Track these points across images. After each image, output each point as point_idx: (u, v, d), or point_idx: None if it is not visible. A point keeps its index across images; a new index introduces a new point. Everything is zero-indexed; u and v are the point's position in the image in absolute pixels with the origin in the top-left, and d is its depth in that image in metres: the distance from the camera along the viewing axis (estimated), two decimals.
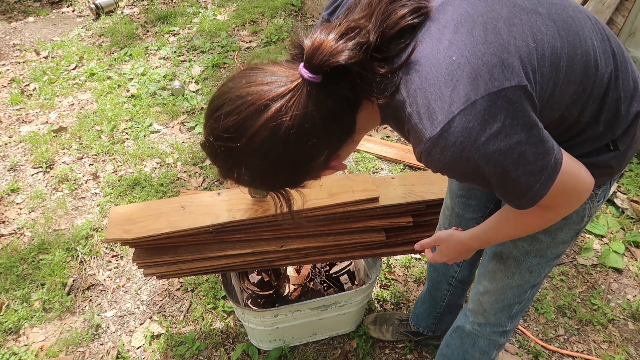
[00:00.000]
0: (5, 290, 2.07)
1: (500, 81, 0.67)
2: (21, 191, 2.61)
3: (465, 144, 0.68)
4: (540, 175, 0.73)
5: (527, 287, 1.13)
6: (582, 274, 2.10)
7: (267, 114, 0.68)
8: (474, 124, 0.67)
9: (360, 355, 1.78)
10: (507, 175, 0.72)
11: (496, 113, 0.67)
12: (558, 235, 1.01)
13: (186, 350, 1.82)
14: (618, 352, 1.80)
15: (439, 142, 0.69)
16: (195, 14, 4.55)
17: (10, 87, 3.56)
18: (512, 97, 0.68)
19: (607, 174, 0.92)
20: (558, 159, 0.74)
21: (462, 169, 0.72)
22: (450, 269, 1.47)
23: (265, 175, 0.76)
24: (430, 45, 0.70)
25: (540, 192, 0.74)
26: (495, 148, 0.68)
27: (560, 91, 0.76)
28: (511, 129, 0.68)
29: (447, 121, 0.67)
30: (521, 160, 0.70)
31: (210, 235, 1.45)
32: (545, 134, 0.73)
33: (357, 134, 0.81)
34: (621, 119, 0.84)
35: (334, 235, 1.51)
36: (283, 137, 0.69)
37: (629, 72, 0.85)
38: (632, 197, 2.38)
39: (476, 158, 0.69)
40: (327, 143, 0.74)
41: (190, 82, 3.53)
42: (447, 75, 0.68)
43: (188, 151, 2.85)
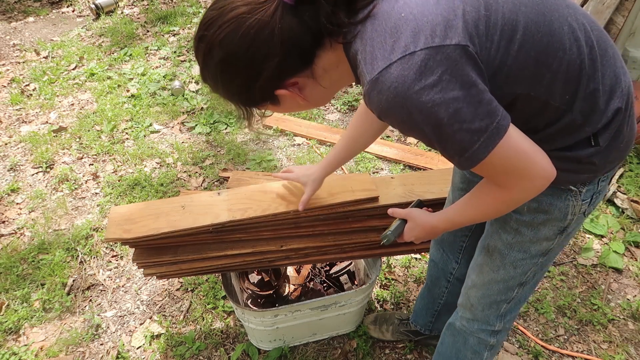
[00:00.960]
0: (5, 290, 2.07)
1: (441, 38, 0.72)
2: (21, 191, 2.62)
3: (399, 89, 0.73)
4: (478, 135, 0.75)
5: (513, 284, 1.13)
6: (582, 274, 2.10)
7: (236, 11, 0.77)
8: (409, 72, 0.72)
9: (360, 355, 1.78)
10: (443, 129, 0.75)
11: (434, 67, 0.71)
12: (541, 231, 1.01)
13: (186, 350, 1.82)
14: (618, 352, 1.80)
15: (376, 85, 0.75)
16: (195, 14, 4.55)
17: (10, 87, 3.56)
18: (452, 55, 0.72)
19: (590, 171, 0.92)
20: (502, 125, 0.76)
21: (397, 115, 0.77)
22: (449, 265, 1.48)
23: (224, 71, 0.83)
24: (388, 4, 0.77)
25: (479, 153, 0.77)
26: (428, 99, 0.72)
27: (517, 63, 0.78)
28: (448, 84, 0.72)
29: (385, 66, 0.73)
30: (457, 116, 0.73)
31: (210, 235, 1.45)
32: (487, 97, 0.75)
33: (320, 73, 0.85)
34: (599, 112, 0.85)
35: (334, 235, 1.51)
36: (242, 34, 0.77)
37: (611, 67, 0.86)
38: (632, 197, 2.38)
39: (409, 105, 0.74)
40: (279, 58, 0.79)
41: (190, 82, 3.54)
42: (393, 28, 0.74)
43: (188, 151, 2.85)
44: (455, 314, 1.33)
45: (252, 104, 0.90)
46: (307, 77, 0.85)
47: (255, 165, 2.72)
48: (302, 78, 0.85)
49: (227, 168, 2.73)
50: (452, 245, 1.43)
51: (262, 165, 2.72)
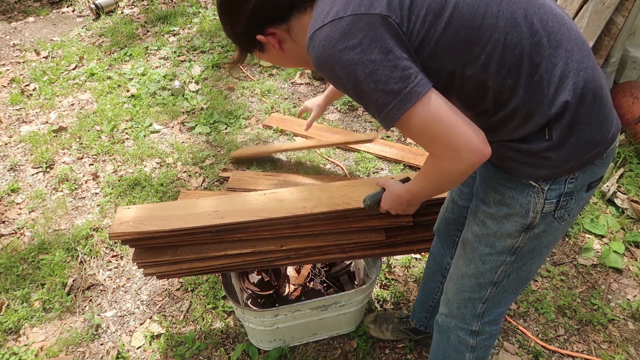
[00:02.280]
0: (5, 290, 2.07)
1: (367, 7, 0.83)
2: (21, 191, 2.62)
3: (325, 47, 0.85)
4: (392, 97, 0.84)
5: (484, 281, 1.13)
6: (582, 274, 2.10)
7: None
8: (335, 34, 0.84)
9: (360, 355, 1.78)
10: (360, 86, 0.85)
11: (357, 32, 0.82)
12: (504, 225, 1.03)
13: (186, 350, 1.82)
14: (618, 352, 1.80)
15: (311, 42, 0.88)
16: (195, 14, 4.55)
17: (10, 87, 3.56)
18: (374, 22, 0.82)
19: (547, 167, 0.93)
20: (415, 90, 0.83)
21: (325, 70, 0.89)
22: (444, 259, 1.49)
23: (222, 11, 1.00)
24: None
25: (394, 113, 0.85)
26: (348, 58, 0.83)
27: (444, 40, 0.85)
28: (367, 48, 0.82)
29: (318, 27, 0.86)
30: (372, 76, 0.83)
31: (210, 235, 1.45)
32: (403, 64, 0.83)
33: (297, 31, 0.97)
34: (547, 102, 0.87)
35: (334, 235, 1.51)
36: None
37: (563, 59, 0.87)
38: (632, 197, 2.38)
39: (332, 62, 0.85)
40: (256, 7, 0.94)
41: (190, 82, 3.54)
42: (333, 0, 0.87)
43: (188, 151, 2.85)
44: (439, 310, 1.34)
45: (244, 46, 1.04)
46: (284, 32, 0.98)
47: (256, 166, 2.72)
48: (279, 31, 0.98)
49: (227, 168, 2.73)
50: (447, 239, 1.44)
51: (262, 165, 2.72)
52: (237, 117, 3.14)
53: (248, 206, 1.48)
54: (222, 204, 1.50)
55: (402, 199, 1.17)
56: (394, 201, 1.20)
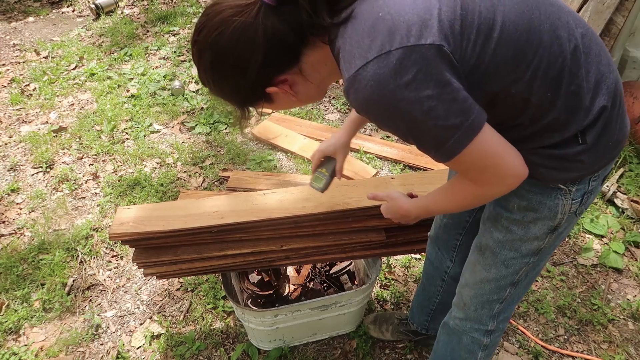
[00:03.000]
0: (5, 290, 2.07)
1: (416, 38, 0.74)
2: (21, 191, 2.62)
3: (374, 88, 0.75)
4: (453, 131, 0.78)
5: (505, 283, 1.13)
6: (582, 274, 2.10)
7: (222, 15, 0.82)
8: (385, 71, 0.74)
9: (360, 355, 1.78)
10: (417, 125, 0.78)
11: (409, 66, 0.73)
12: (531, 229, 1.02)
13: (186, 350, 1.82)
14: (618, 352, 1.80)
15: (354, 83, 0.78)
16: (195, 14, 4.55)
17: (10, 87, 3.56)
18: (427, 54, 0.74)
19: (579, 170, 0.92)
20: (476, 123, 0.78)
21: (373, 111, 0.80)
22: (444, 263, 1.48)
23: (215, 72, 0.88)
24: (368, 4, 0.80)
25: (453, 149, 0.80)
26: (402, 97, 0.75)
27: (494, 61, 0.79)
28: (422, 83, 0.74)
29: (362, 65, 0.76)
30: (431, 113, 0.76)
31: (211, 235, 1.45)
32: (462, 95, 0.77)
33: (309, 69, 0.89)
34: (584, 109, 0.86)
35: (334, 235, 1.51)
36: (228, 37, 0.82)
37: (597, 65, 0.86)
38: (632, 197, 2.38)
39: (384, 103, 0.77)
40: (264, 56, 0.83)
41: (190, 82, 3.54)
42: (371, 27, 0.77)
43: (188, 151, 2.85)
44: (449, 313, 1.33)
45: (247, 103, 0.94)
46: (296, 74, 0.89)
47: (255, 165, 2.72)
48: (290, 75, 0.88)
49: (227, 168, 2.73)
50: (447, 244, 1.43)
51: (262, 165, 2.72)
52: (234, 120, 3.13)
53: (248, 206, 1.48)
54: (222, 204, 1.50)
55: (410, 214, 1.13)
56: (399, 215, 1.17)
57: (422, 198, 1.09)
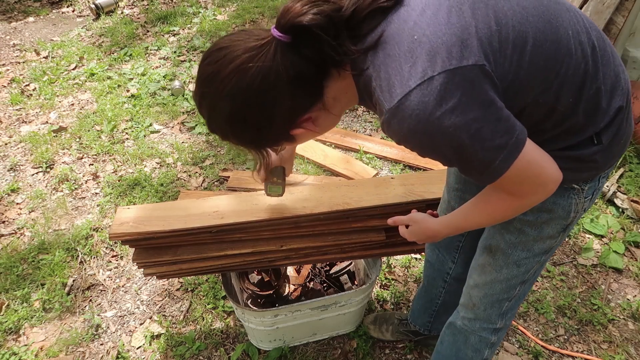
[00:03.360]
0: (5, 290, 2.07)
1: (458, 59, 0.71)
2: (21, 191, 2.62)
3: (420, 116, 0.72)
4: (498, 152, 0.75)
5: (515, 282, 1.13)
6: (582, 274, 2.10)
7: (236, 63, 0.76)
8: (429, 98, 0.71)
9: (360, 355, 1.78)
10: (464, 150, 0.75)
11: (453, 90, 0.71)
12: (544, 230, 1.02)
13: (186, 350, 1.82)
14: (618, 352, 1.80)
15: (397, 113, 0.74)
16: (195, 14, 4.55)
17: (10, 87, 3.56)
18: (469, 75, 0.71)
19: (592, 169, 0.93)
20: (520, 139, 0.77)
21: (419, 141, 0.77)
22: (445, 265, 1.48)
23: (234, 125, 0.81)
24: (397, 26, 0.76)
25: (500, 169, 0.77)
26: (450, 123, 0.72)
27: (527, 74, 0.78)
28: (467, 105, 0.71)
29: (404, 94, 0.72)
30: (477, 136, 0.73)
31: (210, 235, 1.45)
32: (505, 114, 0.75)
33: (331, 102, 0.85)
34: (602, 111, 0.86)
35: (334, 235, 1.51)
36: (247, 84, 0.76)
37: (611, 66, 0.86)
38: (632, 197, 2.38)
39: (431, 131, 0.73)
40: (290, 98, 0.78)
41: (190, 82, 3.53)
42: (408, 52, 0.73)
43: (188, 151, 2.85)
44: (456, 314, 1.33)
45: (266, 147, 0.90)
46: (319, 110, 0.85)
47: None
48: (314, 112, 0.84)
49: (227, 168, 2.73)
50: (449, 246, 1.43)
51: None
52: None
53: (248, 206, 1.48)
54: (222, 204, 1.50)
55: (439, 234, 1.09)
56: (426, 236, 1.12)
57: (451, 216, 1.04)
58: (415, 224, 1.14)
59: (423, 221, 1.11)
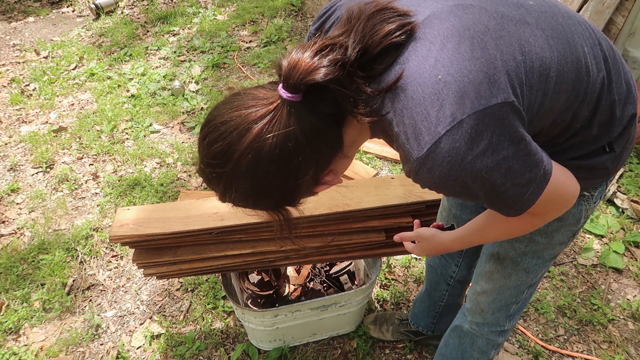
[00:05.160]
0: (5, 290, 2.07)
1: (487, 99, 0.67)
2: (21, 191, 2.62)
3: (452, 163, 0.68)
4: (528, 187, 0.74)
5: (524, 287, 1.14)
6: (582, 274, 2.10)
7: (249, 137, 0.69)
8: (460, 143, 0.67)
9: (360, 355, 1.78)
10: (495, 189, 0.73)
11: (483, 131, 0.67)
12: (555, 237, 1.02)
13: (186, 350, 1.82)
14: (618, 352, 1.80)
15: (426, 162, 0.70)
16: (195, 14, 4.55)
17: (10, 87, 3.56)
18: (499, 113, 0.68)
19: (603, 176, 0.93)
20: (547, 170, 0.75)
21: (451, 187, 0.73)
22: (449, 269, 1.47)
23: (256, 197, 0.76)
24: (417, 64, 0.70)
25: (529, 202, 0.76)
26: (482, 165, 0.69)
27: (551, 100, 0.76)
28: (498, 145, 0.68)
29: (433, 142, 0.68)
30: (509, 174, 0.71)
31: (211, 235, 1.45)
32: (533, 147, 0.73)
33: (348, 148, 0.81)
34: (616, 121, 0.85)
35: (334, 236, 1.51)
36: (267, 158, 0.70)
37: (622, 74, 0.86)
38: (632, 197, 2.38)
39: (464, 176, 0.70)
40: (313, 160, 0.73)
41: (190, 82, 3.53)
42: (434, 95, 0.68)
43: (188, 151, 2.85)
44: (462, 317, 1.32)
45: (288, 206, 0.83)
46: (339, 159, 0.80)
47: None
48: (335, 163, 0.80)
49: None
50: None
51: None
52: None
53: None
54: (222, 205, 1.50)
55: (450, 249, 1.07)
56: (437, 251, 1.10)
57: (463, 231, 1.01)
58: (425, 241, 1.10)
59: (433, 238, 1.08)
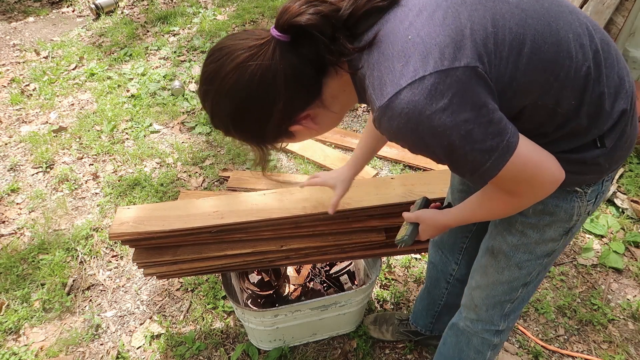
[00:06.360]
0: (5, 290, 2.07)
1: (450, 61, 0.71)
2: (21, 191, 2.62)
3: (410, 115, 0.73)
4: (489, 154, 0.76)
5: (517, 284, 1.13)
6: (582, 274, 2.10)
7: (236, 61, 0.78)
8: (419, 97, 0.71)
9: (360, 356, 1.78)
10: (455, 150, 0.75)
11: (444, 91, 0.71)
12: (546, 232, 1.02)
13: (186, 350, 1.82)
14: (618, 352, 1.80)
15: (387, 111, 0.75)
16: (195, 14, 4.55)
17: (10, 87, 3.56)
18: (462, 77, 0.71)
19: (595, 172, 0.93)
20: (512, 142, 0.77)
21: (409, 139, 0.78)
22: (449, 266, 1.48)
23: (235, 120, 0.84)
24: (393, 25, 0.77)
25: (491, 171, 0.78)
26: (440, 122, 0.72)
27: (525, 76, 0.78)
28: (459, 107, 0.72)
29: (394, 92, 0.73)
30: (468, 137, 0.74)
31: (211, 235, 1.45)
32: (497, 116, 0.75)
33: (329, 100, 0.87)
34: (606, 114, 0.86)
35: (334, 235, 1.51)
36: (247, 82, 0.78)
37: (615, 68, 0.86)
38: (632, 197, 2.38)
39: (420, 130, 0.74)
40: (288, 97, 0.80)
41: (190, 82, 3.54)
42: (401, 52, 0.74)
43: (188, 151, 2.85)
44: (458, 315, 1.33)
45: (267, 143, 0.91)
46: (317, 107, 0.87)
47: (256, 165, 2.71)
48: (313, 109, 0.86)
49: (227, 168, 2.73)
50: (452, 247, 1.43)
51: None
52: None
53: (248, 206, 1.48)
54: (222, 204, 1.50)
55: (447, 227, 1.11)
56: (437, 230, 1.13)
57: (457, 210, 1.06)
58: (424, 223, 1.14)
59: (433, 219, 1.12)
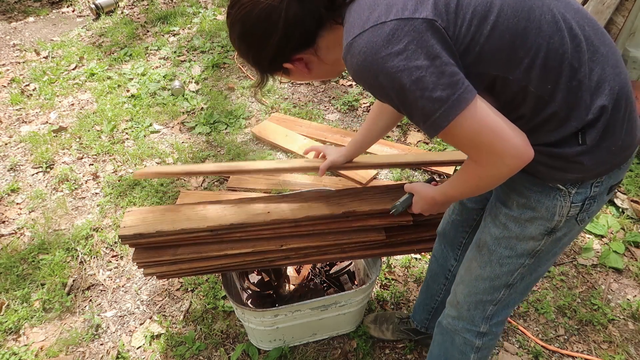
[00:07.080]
0: (5, 290, 2.07)
1: (411, 12, 0.79)
2: (21, 191, 2.62)
3: (367, 54, 0.81)
4: (439, 104, 0.80)
5: (499, 284, 1.13)
6: (582, 274, 2.10)
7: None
8: (378, 39, 0.80)
9: (360, 356, 1.78)
10: (406, 95, 0.81)
11: (401, 36, 0.79)
12: (527, 228, 1.02)
13: (186, 350, 1.82)
14: (618, 352, 1.80)
15: (350, 49, 0.84)
16: (195, 14, 4.55)
17: (10, 87, 3.56)
18: (419, 27, 0.79)
19: (578, 171, 0.93)
20: (463, 97, 0.80)
21: (366, 78, 0.85)
22: (448, 262, 1.48)
23: (242, 42, 0.97)
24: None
25: (440, 122, 0.82)
26: (393, 64, 0.79)
27: (490, 44, 0.82)
28: (413, 53, 0.78)
29: (358, 33, 0.82)
30: (419, 83, 0.79)
31: (210, 234, 1.45)
32: (451, 70, 0.80)
33: (323, 51, 0.97)
34: (584, 106, 0.87)
35: (334, 235, 1.51)
36: (256, 14, 0.91)
37: (603, 65, 0.87)
38: (632, 197, 2.39)
39: (375, 69, 0.81)
40: (283, 36, 0.92)
41: (190, 82, 3.54)
42: (372, 3, 0.84)
43: (188, 151, 2.85)
44: (443, 312, 1.33)
45: (264, 71, 1.03)
46: (311, 55, 0.97)
47: None
48: (306, 55, 0.97)
49: None
50: (453, 241, 1.44)
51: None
52: (237, 117, 3.14)
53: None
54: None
55: (435, 201, 1.15)
56: (427, 204, 1.18)
57: (444, 184, 1.11)
58: (417, 194, 1.22)
59: (424, 191, 1.18)
